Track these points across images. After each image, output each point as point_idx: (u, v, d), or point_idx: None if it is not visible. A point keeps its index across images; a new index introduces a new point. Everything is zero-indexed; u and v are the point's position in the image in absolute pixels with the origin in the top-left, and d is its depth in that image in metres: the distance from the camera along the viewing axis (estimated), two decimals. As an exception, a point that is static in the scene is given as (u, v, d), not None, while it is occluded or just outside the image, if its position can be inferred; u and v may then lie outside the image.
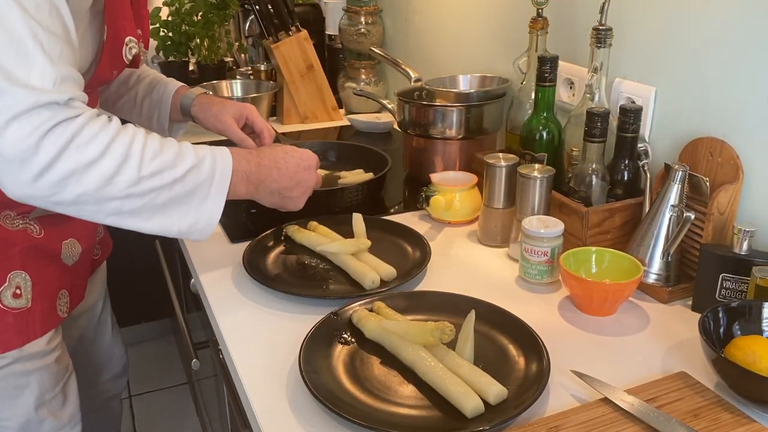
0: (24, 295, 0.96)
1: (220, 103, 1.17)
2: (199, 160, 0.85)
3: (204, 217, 0.87)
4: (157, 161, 0.81)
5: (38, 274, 0.98)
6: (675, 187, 0.95)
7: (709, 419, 0.71)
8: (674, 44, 1.04)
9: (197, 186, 0.85)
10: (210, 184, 0.87)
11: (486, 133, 1.37)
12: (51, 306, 1.01)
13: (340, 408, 0.71)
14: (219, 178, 0.88)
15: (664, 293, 0.96)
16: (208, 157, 0.87)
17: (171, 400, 2.32)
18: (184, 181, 0.84)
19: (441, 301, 0.92)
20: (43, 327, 0.99)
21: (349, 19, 1.95)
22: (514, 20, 1.40)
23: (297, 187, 1.00)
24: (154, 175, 0.81)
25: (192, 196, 0.85)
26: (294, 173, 0.99)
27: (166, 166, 0.82)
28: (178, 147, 0.85)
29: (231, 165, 0.89)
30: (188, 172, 0.84)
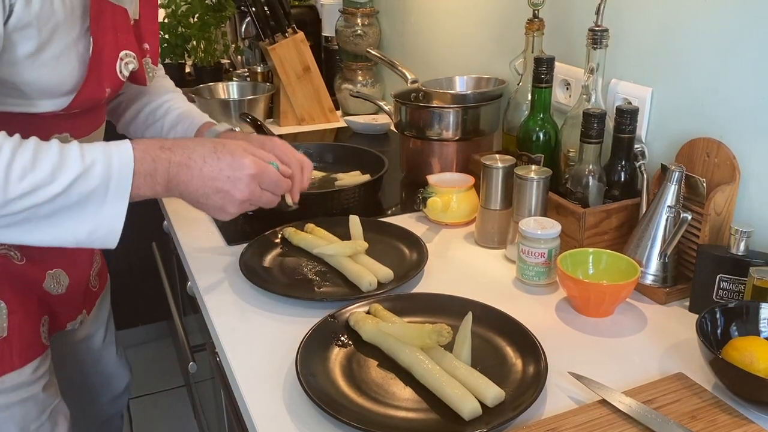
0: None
1: (246, 137, 1.07)
2: (85, 168, 0.76)
3: (104, 225, 0.78)
4: (27, 181, 0.72)
5: (16, 301, 0.93)
6: (672, 187, 0.95)
7: (706, 420, 0.71)
8: (670, 45, 1.04)
9: (87, 195, 0.76)
10: (105, 191, 0.77)
11: (483, 134, 1.37)
12: (33, 334, 0.96)
13: (337, 411, 0.71)
14: (116, 182, 0.78)
15: (661, 294, 0.96)
16: (99, 161, 0.77)
17: (168, 404, 2.31)
18: (67, 194, 0.75)
19: (438, 303, 0.92)
20: (23, 357, 0.94)
21: (345, 21, 1.95)
22: (510, 21, 1.40)
23: (213, 196, 0.85)
24: (26, 196, 0.73)
25: (83, 205, 0.77)
26: (210, 179, 0.84)
27: (40, 183, 0.73)
28: (58, 157, 0.75)
29: (131, 166, 0.79)
30: (71, 185, 0.75)
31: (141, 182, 0.80)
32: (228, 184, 0.85)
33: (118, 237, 0.80)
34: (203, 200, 0.86)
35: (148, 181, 0.81)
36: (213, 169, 0.84)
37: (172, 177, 0.83)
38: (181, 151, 0.83)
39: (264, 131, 1.63)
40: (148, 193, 0.82)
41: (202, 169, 0.83)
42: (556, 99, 1.27)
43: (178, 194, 0.85)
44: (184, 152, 0.83)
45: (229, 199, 0.86)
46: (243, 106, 1.78)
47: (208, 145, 0.86)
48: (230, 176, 0.85)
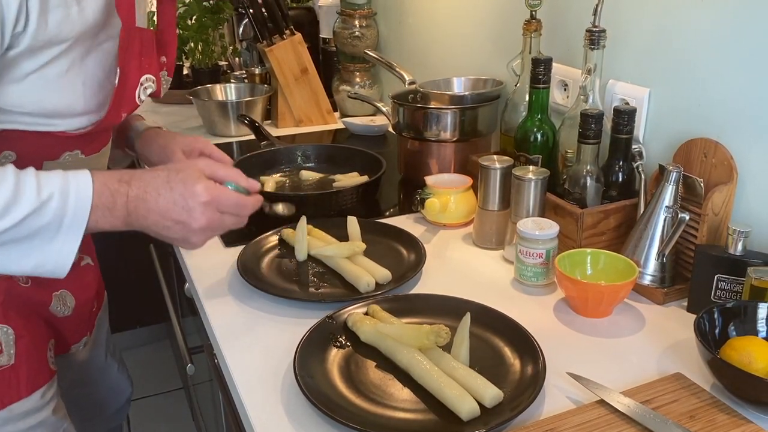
0: (5, 351, 0.88)
1: (170, 135, 1.08)
2: (41, 204, 0.73)
3: (51, 259, 0.76)
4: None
5: (23, 326, 0.91)
6: (669, 188, 0.95)
7: (705, 420, 0.71)
8: (667, 45, 1.04)
9: (38, 229, 0.74)
10: (58, 226, 0.75)
11: (480, 135, 1.37)
12: (40, 360, 0.94)
13: (335, 412, 0.71)
14: (72, 218, 0.75)
15: (659, 294, 0.96)
16: (56, 196, 0.74)
17: (167, 406, 2.31)
18: (18, 228, 0.73)
19: (436, 303, 0.92)
20: (31, 385, 0.92)
21: (343, 23, 1.95)
22: (507, 22, 1.41)
23: (174, 227, 0.81)
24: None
25: (31, 239, 0.74)
26: (164, 211, 0.80)
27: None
28: (12, 192, 0.72)
29: (89, 201, 0.76)
30: (24, 220, 0.72)
31: (99, 216, 0.77)
32: (184, 215, 0.81)
33: (67, 270, 0.77)
34: (164, 233, 0.82)
35: (106, 214, 0.78)
36: (167, 200, 0.80)
37: (130, 211, 0.80)
38: (138, 184, 0.80)
39: (262, 133, 1.64)
40: (106, 227, 0.79)
41: (157, 201, 0.80)
42: (554, 100, 1.27)
43: (138, 227, 0.82)
44: (140, 185, 0.80)
45: (188, 230, 0.82)
46: (241, 108, 1.78)
47: (162, 175, 0.82)
48: (184, 206, 0.80)
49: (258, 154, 1.46)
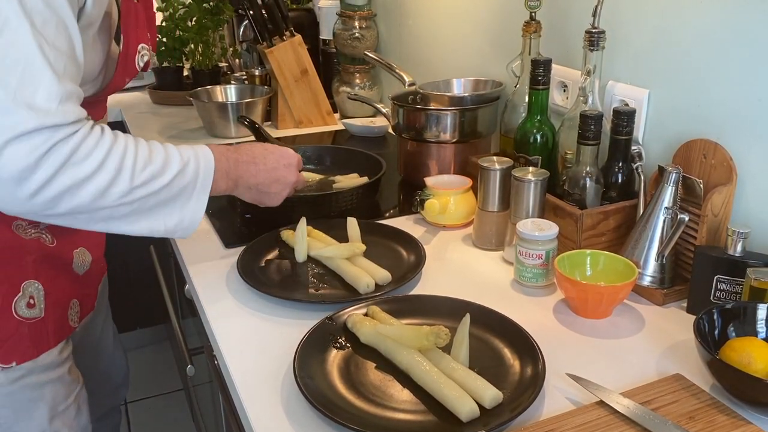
0: (37, 305, 0.96)
1: None
2: (184, 164, 0.88)
3: (188, 216, 0.90)
4: (147, 171, 0.84)
5: (51, 283, 0.98)
6: (669, 189, 0.95)
7: (704, 421, 0.71)
8: (667, 47, 1.04)
9: (183, 189, 0.88)
10: (194, 186, 0.90)
11: (480, 136, 1.37)
12: (63, 316, 1.01)
13: (335, 413, 0.71)
14: (202, 179, 0.90)
15: (658, 295, 0.96)
16: (192, 159, 0.89)
17: (167, 407, 2.31)
18: (170, 186, 0.86)
19: (436, 304, 0.92)
20: (57, 337, 0.99)
21: (343, 24, 1.95)
22: (507, 24, 1.41)
23: (275, 184, 1.03)
24: (145, 184, 0.84)
25: (177, 198, 0.88)
26: (272, 169, 1.02)
27: (156, 174, 0.85)
28: (164, 153, 0.87)
29: (213, 164, 0.92)
30: (175, 177, 0.87)
31: (219, 178, 0.94)
32: (285, 171, 1.04)
33: (196, 227, 0.92)
34: (265, 189, 1.03)
35: (223, 177, 0.95)
36: (272, 160, 1.03)
37: (242, 173, 0.98)
38: (245, 152, 1.00)
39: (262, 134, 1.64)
40: (222, 188, 0.96)
41: (266, 162, 1.02)
42: (553, 101, 1.27)
43: (246, 187, 1.00)
44: (247, 152, 1.01)
45: (286, 183, 1.05)
46: (241, 109, 1.78)
47: (257, 146, 1.04)
48: (285, 164, 1.04)
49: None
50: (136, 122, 1.98)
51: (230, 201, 1.32)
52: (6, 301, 0.92)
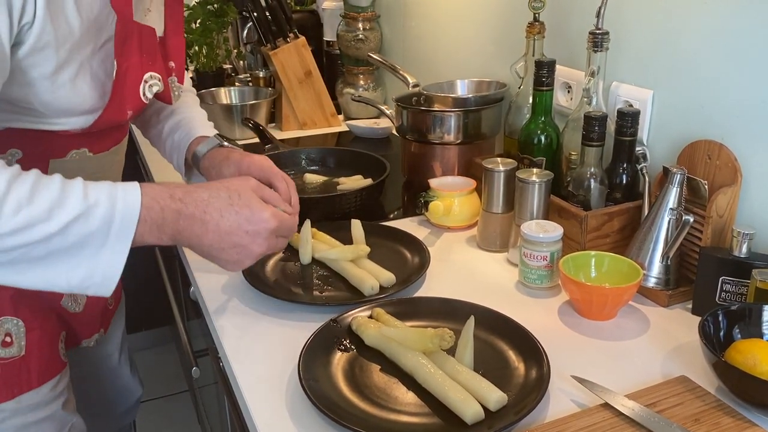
0: (16, 342, 0.88)
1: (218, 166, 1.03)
2: (87, 208, 0.70)
3: (100, 271, 0.72)
4: (21, 216, 0.67)
5: (34, 319, 0.90)
6: (673, 190, 0.95)
7: (709, 423, 0.70)
8: (671, 47, 1.04)
9: (86, 237, 0.71)
10: (106, 234, 0.71)
11: (484, 137, 1.37)
12: (51, 352, 0.94)
13: (339, 416, 0.71)
14: (118, 227, 0.72)
15: (663, 297, 0.96)
16: (103, 202, 0.71)
17: (172, 409, 2.32)
18: (65, 234, 0.69)
19: (440, 307, 0.92)
20: (42, 376, 0.92)
21: (346, 26, 1.95)
22: (511, 25, 1.41)
23: (229, 250, 0.81)
24: (19, 232, 0.67)
25: (81, 247, 0.71)
26: (226, 233, 0.79)
27: (36, 220, 0.67)
28: (58, 193, 0.69)
29: (137, 212, 0.73)
30: (70, 224, 0.69)
31: (146, 230, 0.75)
32: (246, 239, 0.80)
33: (115, 285, 0.74)
34: (216, 254, 0.81)
35: (153, 230, 0.76)
36: (231, 223, 0.79)
37: (182, 229, 0.78)
38: (195, 204, 0.78)
39: (266, 136, 1.64)
40: (152, 242, 0.77)
41: (218, 224, 0.79)
42: (557, 102, 1.27)
43: (186, 245, 0.81)
44: (198, 205, 0.78)
45: (246, 254, 0.82)
46: (245, 111, 1.78)
47: (223, 195, 0.80)
48: (249, 231, 0.80)
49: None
50: (140, 124, 1.99)
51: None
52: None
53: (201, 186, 0.81)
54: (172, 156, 1.13)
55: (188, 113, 1.13)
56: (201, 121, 1.13)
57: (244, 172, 0.99)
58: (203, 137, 1.09)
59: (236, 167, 1.01)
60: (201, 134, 1.09)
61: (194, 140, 1.09)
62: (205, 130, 1.11)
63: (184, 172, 1.12)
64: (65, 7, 0.75)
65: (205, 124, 1.14)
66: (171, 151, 1.12)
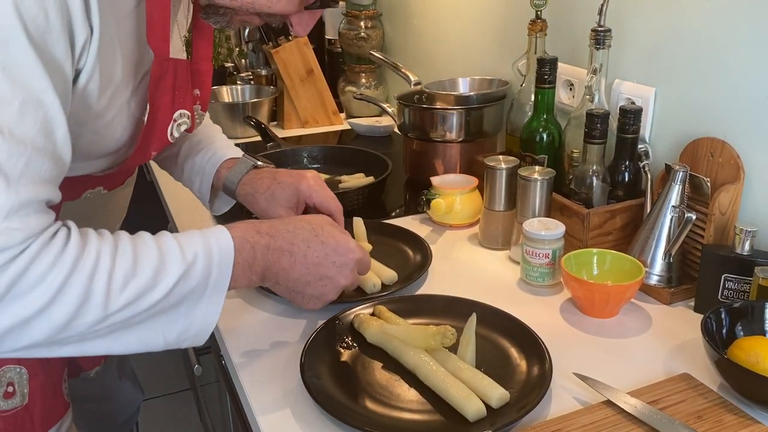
0: (18, 391, 0.83)
1: (269, 191, 0.97)
2: (188, 267, 0.67)
3: (196, 324, 0.70)
4: (129, 290, 0.63)
5: (38, 363, 0.84)
6: (676, 187, 0.95)
7: (712, 421, 0.70)
8: (673, 45, 1.04)
9: (186, 296, 0.68)
10: (204, 289, 0.69)
11: (486, 135, 1.37)
12: (55, 394, 0.88)
13: (341, 413, 0.71)
14: (216, 279, 0.69)
15: (666, 294, 0.96)
16: (201, 257, 0.68)
17: (174, 407, 2.32)
18: (169, 296, 0.66)
19: (442, 304, 0.92)
20: (45, 423, 0.86)
21: (348, 24, 1.95)
22: (512, 22, 1.40)
23: (316, 283, 0.78)
24: (127, 306, 0.63)
25: (178, 307, 0.68)
26: (315, 264, 0.77)
27: (144, 290, 0.64)
28: (158, 259, 0.65)
29: (232, 258, 0.71)
30: (174, 287, 0.66)
31: (239, 273, 0.72)
32: (333, 270, 0.78)
33: (209, 335, 0.71)
34: (302, 288, 0.78)
35: (245, 271, 0.73)
36: (318, 254, 0.77)
37: (270, 264, 0.75)
38: (282, 236, 0.76)
39: (268, 134, 1.64)
40: (243, 284, 0.74)
41: (306, 255, 0.77)
42: (560, 100, 1.27)
43: (273, 282, 0.77)
44: (285, 237, 0.76)
45: (332, 287, 0.79)
46: (247, 110, 1.78)
47: (307, 227, 0.78)
48: (336, 261, 0.78)
49: (264, 156, 1.46)
50: (142, 123, 1.99)
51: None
52: None
53: (283, 220, 0.79)
54: (193, 180, 1.05)
55: (207, 131, 1.06)
56: (223, 141, 1.06)
57: (303, 197, 0.96)
58: (232, 159, 1.02)
59: (293, 191, 0.96)
60: (229, 156, 1.03)
61: (222, 164, 1.02)
62: (231, 151, 1.04)
63: (208, 199, 1.05)
64: (114, 54, 0.70)
65: (228, 144, 1.06)
66: (191, 176, 1.04)
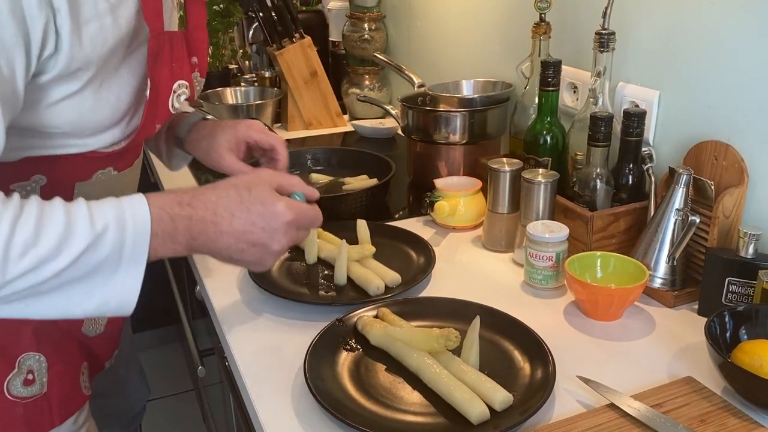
0: (38, 379, 0.85)
1: (211, 135, 0.98)
2: (96, 237, 0.66)
3: (115, 296, 0.69)
4: (29, 258, 0.63)
5: (55, 352, 0.87)
6: (680, 190, 0.95)
7: (716, 424, 0.70)
8: (677, 47, 1.04)
9: (97, 265, 0.67)
10: (118, 259, 0.68)
11: (490, 138, 1.37)
12: (73, 385, 0.90)
13: (345, 415, 0.71)
14: (131, 248, 0.68)
15: (669, 297, 0.96)
16: (112, 227, 0.67)
17: (178, 408, 2.32)
18: (75, 266, 0.66)
19: (446, 307, 0.92)
20: (63, 413, 0.88)
21: (352, 26, 1.95)
22: (516, 25, 1.41)
23: (250, 249, 0.76)
24: (28, 273, 0.63)
25: (92, 277, 0.67)
26: (243, 232, 0.74)
27: (44, 258, 0.64)
28: (63, 226, 0.65)
29: (148, 228, 0.69)
30: (80, 257, 0.65)
31: (159, 244, 0.71)
32: (263, 236, 0.75)
33: (133, 306, 0.71)
34: (237, 256, 0.76)
35: (167, 242, 0.71)
36: (244, 222, 0.74)
37: (195, 235, 0.73)
38: (204, 207, 0.73)
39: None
40: (168, 254, 0.73)
41: (231, 224, 0.74)
42: (563, 102, 1.27)
43: (205, 252, 0.76)
44: (207, 207, 0.73)
45: (267, 252, 0.77)
46: (251, 111, 1.78)
47: (232, 194, 0.75)
48: (265, 227, 0.75)
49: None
50: (146, 124, 1.99)
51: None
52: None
53: (208, 188, 0.76)
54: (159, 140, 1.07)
55: None
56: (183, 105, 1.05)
57: (242, 136, 0.96)
58: (184, 114, 1.03)
59: (232, 132, 0.97)
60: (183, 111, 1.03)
61: (175, 118, 1.03)
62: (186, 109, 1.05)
63: (164, 154, 1.07)
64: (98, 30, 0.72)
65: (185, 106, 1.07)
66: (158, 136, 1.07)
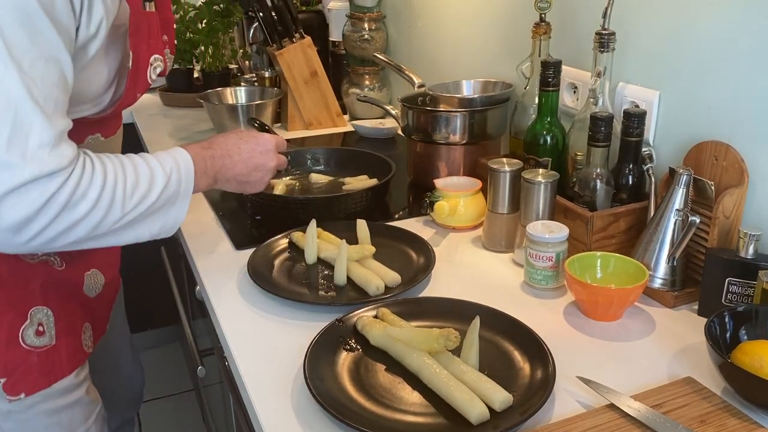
0: (47, 332, 0.94)
1: None
2: (167, 177, 0.88)
3: (170, 221, 0.90)
4: (136, 195, 0.84)
5: (61, 308, 0.97)
6: (680, 191, 0.95)
7: (716, 425, 0.70)
8: (678, 48, 1.04)
9: (168, 199, 0.89)
10: (178, 192, 0.90)
11: (490, 138, 1.37)
12: (76, 341, 1.00)
13: (344, 415, 0.71)
14: (185, 185, 0.90)
15: (669, 298, 0.96)
16: (174, 169, 0.89)
17: (177, 407, 2.32)
18: (159, 199, 0.87)
19: (446, 307, 0.92)
20: (71, 363, 0.97)
21: (352, 26, 1.95)
22: (517, 25, 1.40)
23: (254, 172, 1.04)
24: (135, 207, 0.84)
25: (162, 208, 0.88)
26: (248, 159, 1.02)
27: (144, 195, 0.85)
28: (149, 171, 0.86)
29: (192, 168, 0.92)
30: (162, 192, 0.87)
31: (198, 179, 0.93)
32: (263, 158, 1.04)
33: (178, 227, 0.92)
34: (245, 179, 1.03)
35: (202, 177, 0.95)
36: (247, 150, 1.02)
37: (219, 168, 0.98)
38: (219, 146, 1.00)
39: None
40: (202, 187, 0.96)
41: (240, 154, 1.01)
42: (564, 102, 1.27)
43: (223, 181, 1.01)
44: (221, 146, 1.00)
45: (265, 170, 1.05)
46: (251, 111, 1.78)
47: (232, 135, 1.03)
48: (261, 151, 1.04)
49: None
50: (147, 124, 1.99)
51: (240, 203, 1.32)
52: (12, 331, 0.91)
53: (217, 136, 1.03)
54: None
55: None
56: None
57: None
58: None
59: None
60: None
61: None
62: None
63: None
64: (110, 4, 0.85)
65: None
66: None
